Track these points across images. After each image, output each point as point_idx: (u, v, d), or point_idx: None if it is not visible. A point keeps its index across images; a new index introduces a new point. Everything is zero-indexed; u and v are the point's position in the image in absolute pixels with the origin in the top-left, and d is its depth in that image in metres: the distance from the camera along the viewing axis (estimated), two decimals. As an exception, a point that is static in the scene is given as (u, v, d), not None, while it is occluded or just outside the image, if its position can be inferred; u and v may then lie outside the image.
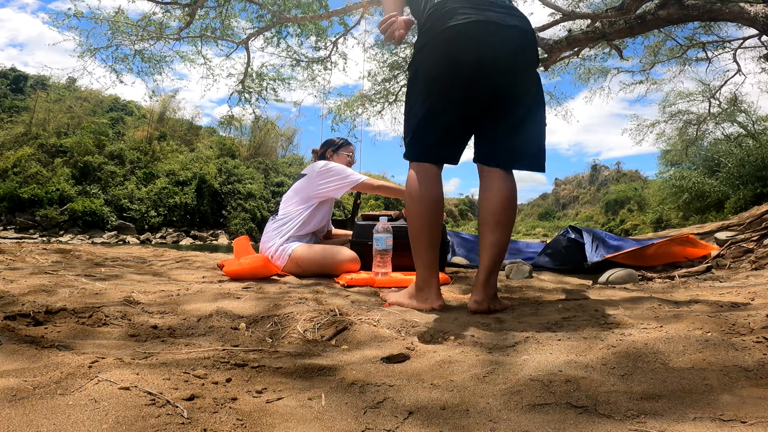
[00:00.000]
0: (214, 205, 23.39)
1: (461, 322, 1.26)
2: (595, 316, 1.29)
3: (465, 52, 1.36)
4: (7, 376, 0.72)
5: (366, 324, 1.16)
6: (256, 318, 1.24)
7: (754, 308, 1.28)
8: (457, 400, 0.70)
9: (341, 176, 2.43)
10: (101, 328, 1.09)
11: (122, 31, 6.72)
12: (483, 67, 1.37)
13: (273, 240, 2.41)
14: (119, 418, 0.60)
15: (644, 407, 0.65)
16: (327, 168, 2.45)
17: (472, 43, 1.36)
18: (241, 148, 28.33)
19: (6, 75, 25.87)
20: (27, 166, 19.86)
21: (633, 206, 29.50)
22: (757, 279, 1.99)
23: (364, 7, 6.46)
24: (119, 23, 6.58)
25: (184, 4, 6.41)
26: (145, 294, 1.56)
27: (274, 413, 0.66)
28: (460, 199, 68.27)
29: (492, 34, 1.36)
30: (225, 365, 0.85)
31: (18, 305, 1.20)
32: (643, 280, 2.23)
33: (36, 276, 1.88)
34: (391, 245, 2.13)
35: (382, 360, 0.92)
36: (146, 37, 6.81)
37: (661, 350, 0.87)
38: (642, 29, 4.84)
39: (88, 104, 25.03)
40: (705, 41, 9.18)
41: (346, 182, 2.43)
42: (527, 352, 0.93)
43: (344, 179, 2.43)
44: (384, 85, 9.39)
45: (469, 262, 3.27)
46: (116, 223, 20.05)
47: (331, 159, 2.65)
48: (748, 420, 0.59)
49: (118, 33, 6.73)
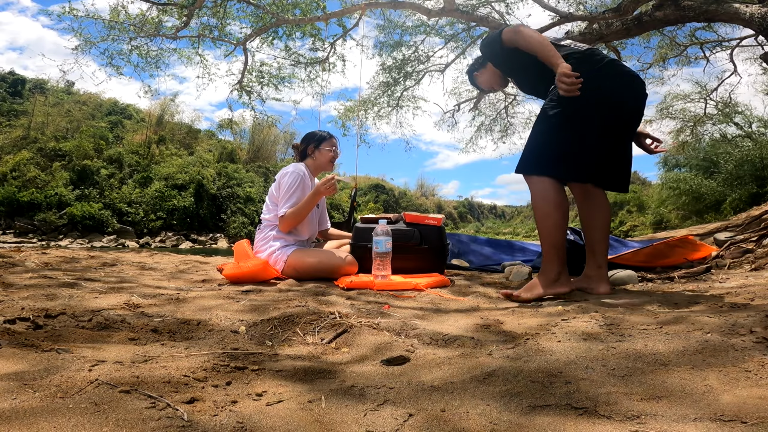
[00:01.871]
0: (213, 208, 23.37)
1: (460, 326, 1.26)
2: (595, 317, 1.29)
3: (638, 96, 1.80)
4: (8, 380, 0.72)
5: (366, 327, 1.16)
6: (256, 321, 1.24)
7: (754, 308, 1.28)
8: (458, 402, 0.70)
9: (281, 198, 2.39)
10: (101, 332, 1.09)
11: (120, 28, 6.68)
12: (637, 111, 1.84)
13: (263, 249, 2.41)
14: (119, 421, 0.60)
15: (644, 408, 0.65)
16: (279, 183, 2.42)
17: (640, 89, 1.81)
18: (240, 151, 28.33)
19: (4, 78, 25.86)
20: (25, 170, 19.84)
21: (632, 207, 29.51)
22: (756, 279, 1.99)
23: (362, 9, 6.47)
24: (116, 20, 6.55)
25: (181, 5, 6.41)
26: (144, 297, 1.56)
27: (274, 416, 0.66)
28: (460, 201, 68.33)
29: (641, 86, 1.82)
30: (225, 368, 0.85)
31: (18, 309, 1.19)
32: (642, 281, 2.23)
33: (36, 280, 1.88)
34: (390, 248, 2.13)
35: (382, 362, 0.92)
36: (143, 35, 6.80)
37: (661, 351, 0.87)
38: (639, 30, 4.86)
39: (86, 108, 25.04)
40: (703, 40, 9.22)
41: (279, 208, 2.38)
42: (527, 353, 0.93)
43: (280, 204, 2.39)
44: (386, 89, 9.39)
45: (468, 264, 3.28)
46: (116, 227, 20.03)
47: (312, 155, 2.57)
48: (748, 420, 0.59)
49: (115, 28, 6.70)
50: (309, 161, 2.57)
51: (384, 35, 8.42)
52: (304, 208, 2.35)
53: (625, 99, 1.78)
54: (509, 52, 1.90)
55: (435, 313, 1.46)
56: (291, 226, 2.39)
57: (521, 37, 1.81)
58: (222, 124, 9.30)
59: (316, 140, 2.59)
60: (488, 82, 2.22)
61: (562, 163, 1.77)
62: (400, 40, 8.46)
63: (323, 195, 2.36)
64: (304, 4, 6.70)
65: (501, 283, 2.40)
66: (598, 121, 1.75)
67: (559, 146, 1.77)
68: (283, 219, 2.35)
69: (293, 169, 2.43)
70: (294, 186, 2.38)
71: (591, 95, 1.72)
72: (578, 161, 1.77)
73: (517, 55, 1.87)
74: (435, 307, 1.60)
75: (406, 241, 2.41)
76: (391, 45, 8.51)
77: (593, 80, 1.71)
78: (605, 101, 1.75)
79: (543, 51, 1.75)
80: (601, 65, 1.77)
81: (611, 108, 1.76)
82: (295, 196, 2.37)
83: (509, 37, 1.86)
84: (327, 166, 2.61)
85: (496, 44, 1.94)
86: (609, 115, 1.76)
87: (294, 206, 2.35)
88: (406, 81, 9.27)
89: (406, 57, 8.75)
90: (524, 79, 2.07)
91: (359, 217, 2.73)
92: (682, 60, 9.76)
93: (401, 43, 8.51)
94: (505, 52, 1.92)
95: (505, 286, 2.19)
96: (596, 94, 1.73)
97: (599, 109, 1.75)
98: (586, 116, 1.75)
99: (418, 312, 1.48)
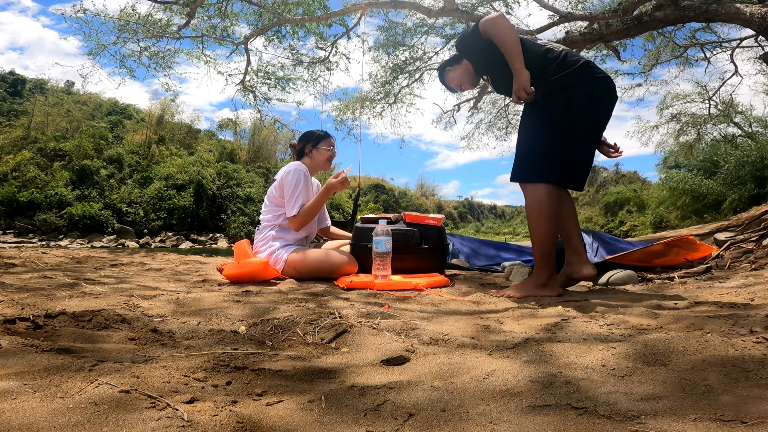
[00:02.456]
0: (213, 208, 23.37)
1: (459, 326, 1.26)
2: (595, 318, 1.29)
3: (611, 99, 1.86)
4: (8, 380, 0.72)
5: (366, 327, 1.16)
6: (256, 321, 1.24)
7: (754, 308, 1.28)
8: (457, 402, 0.70)
9: (288, 198, 2.38)
10: (101, 332, 1.09)
11: (129, 29, 6.71)
12: (609, 113, 1.89)
13: (263, 250, 2.41)
14: (119, 421, 0.60)
15: (644, 408, 0.65)
16: (281, 183, 2.41)
17: (613, 92, 1.86)
18: (240, 151, 28.32)
19: (4, 78, 25.86)
20: (26, 170, 19.85)
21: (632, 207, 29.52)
22: (756, 279, 1.99)
23: (363, 9, 6.47)
24: (125, 20, 6.58)
25: (182, 3, 6.41)
26: (144, 298, 1.56)
27: (274, 416, 0.66)
28: (460, 201, 68.26)
29: (613, 88, 1.87)
30: (225, 368, 0.85)
31: (18, 309, 1.19)
32: (642, 281, 2.23)
33: (36, 280, 1.88)
34: (390, 248, 2.13)
35: (382, 362, 0.92)
36: (148, 35, 6.82)
37: (661, 351, 0.87)
38: (639, 30, 4.86)
39: (86, 108, 25.02)
40: (703, 41, 9.21)
41: (288, 209, 2.38)
42: (527, 353, 0.93)
43: (288, 204, 2.38)
44: (385, 87, 9.39)
45: (469, 264, 3.27)
46: (115, 227, 20.03)
47: (310, 154, 2.57)
48: (748, 420, 0.59)
49: (124, 30, 6.73)
50: (306, 160, 2.57)
51: (384, 35, 8.42)
52: (317, 205, 2.38)
53: (599, 102, 1.83)
54: (486, 46, 1.86)
55: (435, 314, 1.46)
56: (303, 224, 2.40)
57: (496, 27, 1.79)
58: (222, 124, 9.34)
59: (314, 139, 2.59)
60: (458, 80, 2.14)
61: (553, 169, 1.82)
62: (401, 40, 8.46)
63: (337, 190, 2.38)
64: (306, 4, 6.70)
65: (501, 283, 2.40)
66: (576, 122, 1.80)
67: (547, 151, 1.82)
68: (296, 218, 2.36)
69: (295, 167, 2.42)
70: (300, 184, 2.38)
71: (567, 98, 1.76)
72: (567, 165, 1.84)
73: (494, 51, 1.83)
74: (435, 307, 1.60)
75: (406, 241, 2.41)
76: (391, 45, 8.51)
77: (569, 82, 1.75)
78: (581, 104, 1.79)
79: (511, 48, 1.75)
80: (576, 67, 1.79)
81: (587, 111, 1.81)
82: (303, 194, 2.38)
83: (485, 27, 1.83)
84: (324, 165, 2.60)
85: (473, 38, 1.91)
86: (585, 117, 1.81)
87: (304, 204, 2.36)
88: (404, 79, 9.27)
89: (406, 57, 8.75)
90: (500, 78, 2.00)
91: (359, 217, 2.73)
92: (682, 61, 9.76)
93: (401, 43, 8.51)
94: (481, 46, 1.89)
95: (505, 286, 2.19)
96: (571, 97, 1.78)
97: (577, 113, 1.79)
98: (566, 119, 1.79)
99: (418, 312, 1.48)
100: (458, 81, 2.15)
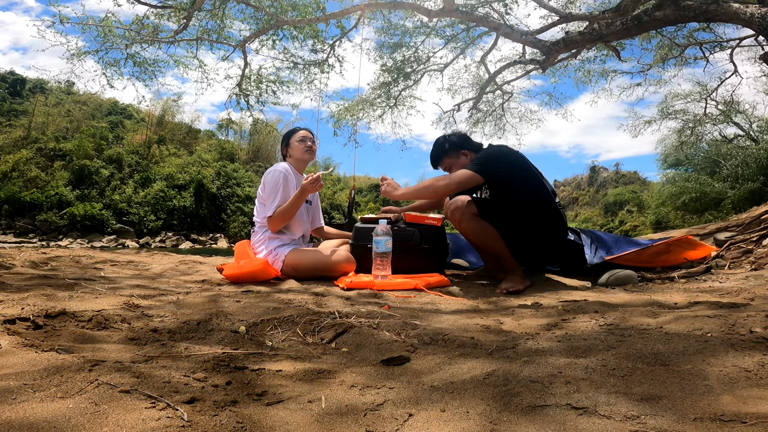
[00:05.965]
0: (213, 208, 23.37)
1: (459, 326, 1.26)
2: (595, 318, 1.29)
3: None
4: (8, 379, 0.72)
5: (366, 327, 1.16)
6: (256, 321, 1.24)
7: (754, 308, 1.28)
8: (457, 402, 0.70)
9: (266, 199, 2.39)
10: (101, 332, 1.09)
11: (113, 35, 6.59)
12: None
13: (260, 250, 2.41)
14: (119, 421, 0.60)
15: (644, 408, 0.65)
16: (263, 183, 2.42)
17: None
18: (239, 151, 28.33)
19: (4, 78, 25.86)
20: (26, 170, 19.85)
21: (632, 207, 29.53)
22: (756, 279, 1.99)
23: (362, 10, 6.47)
24: (109, 27, 6.45)
25: (180, 8, 6.36)
26: (144, 298, 1.56)
27: (274, 416, 0.66)
28: (460, 201, 68.00)
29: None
30: (225, 368, 0.85)
31: (18, 309, 1.19)
32: (642, 281, 2.23)
33: (36, 280, 1.88)
34: (390, 248, 2.13)
35: (382, 362, 0.92)
36: (139, 41, 6.70)
37: (661, 351, 0.87)
38: (639, 30, 4.85)
39: (86, 108, 25.05)
40: (702, 41, 9.21)
41: (266, 209, 2.38)
42: (527, 353, 0.93)
43: (266, 205, 2.39)
44: (385, 89, 9.37)
45: (469, 264, 3.27)
46: (116, 227, 20.04)
47: (287, 153, 2.59)
48: (748, 420, 0.59)
49: (108, 37, 6.60)
50: (290, 159, 2.59)
51: (384, 36, 8.42)
52: (292, 207, 2.36)
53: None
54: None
55: (435, 313, 1.46)
56: (280, 226, 2.40)
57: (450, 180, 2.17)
58: (222, 123, 9.29)
59: (285, 138, 2.62)
60: (450, 169, 2.46)
61: (564, 229, 2.34)
62: (400, 41, 8.46)
63: (310, 192, 2.36)
64: (303, 6, 6.67)
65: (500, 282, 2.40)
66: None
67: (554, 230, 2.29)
68: (272, 219, 2.36)
69: (275, 169, 2.44)
70: (277, 185, 2.38)
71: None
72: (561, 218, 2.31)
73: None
74: (435, 307, 1.60)
75: (406, 241, 2.41)
76: (391, 46, 8.51)
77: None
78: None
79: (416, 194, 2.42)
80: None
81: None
82: (280, 196, 2.38)
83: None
84: (305, 156, 2.58)
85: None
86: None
87: (280, 206, 2.36)
88: (404, 81, 9.25)
89: (405, 57, 8.74)
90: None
91: (359, 217, 2.73)
92: (680, 61, 9.75)
93: (401, 44, 8.51)
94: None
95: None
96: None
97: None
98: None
99: (418, 312, 1.48)
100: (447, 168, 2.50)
